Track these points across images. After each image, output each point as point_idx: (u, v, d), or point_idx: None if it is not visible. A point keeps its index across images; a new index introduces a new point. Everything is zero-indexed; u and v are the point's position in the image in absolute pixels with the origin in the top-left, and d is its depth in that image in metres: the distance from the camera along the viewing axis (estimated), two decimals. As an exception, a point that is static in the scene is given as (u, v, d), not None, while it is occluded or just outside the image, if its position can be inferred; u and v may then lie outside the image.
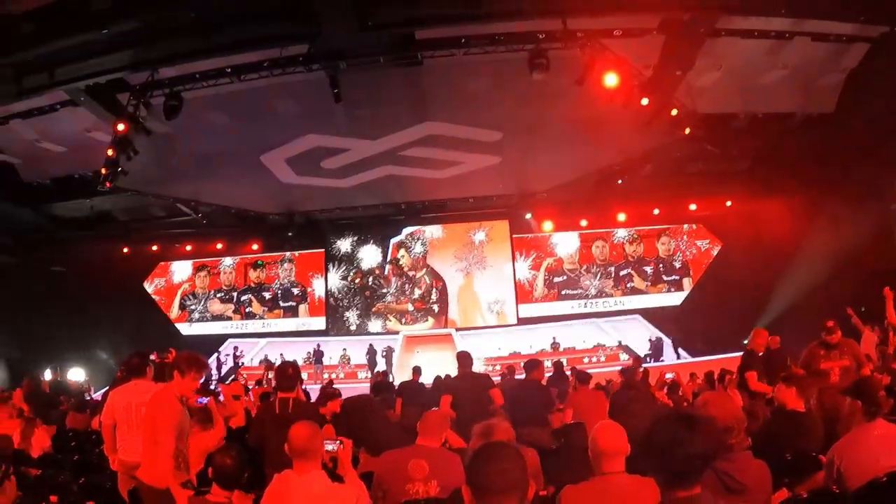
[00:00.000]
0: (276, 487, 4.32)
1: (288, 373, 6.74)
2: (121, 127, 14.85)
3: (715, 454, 2.82)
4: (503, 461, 2.54)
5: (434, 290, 26.22)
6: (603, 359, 23.93)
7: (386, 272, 26.65)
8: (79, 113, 16.07)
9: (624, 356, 23.30)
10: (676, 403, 10.72)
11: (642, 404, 8.19)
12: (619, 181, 21.79)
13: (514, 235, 26.37)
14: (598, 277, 25.79)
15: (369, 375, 21.93)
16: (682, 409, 3.70)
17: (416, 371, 13.57)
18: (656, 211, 24.18)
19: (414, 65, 14.80)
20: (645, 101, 14.45)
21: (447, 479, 4.93)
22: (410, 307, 26.15)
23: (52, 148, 18.04)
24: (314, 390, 20.25)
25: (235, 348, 25.74)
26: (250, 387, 13.71)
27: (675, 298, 25.23)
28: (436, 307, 26.10)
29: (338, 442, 4.74)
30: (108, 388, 15.55)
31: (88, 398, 17.27)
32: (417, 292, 26.29)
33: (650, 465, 2.74)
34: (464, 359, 9.08)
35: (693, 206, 23.74)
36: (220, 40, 13.13)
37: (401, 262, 26.56)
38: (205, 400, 6.96)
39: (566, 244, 26.10)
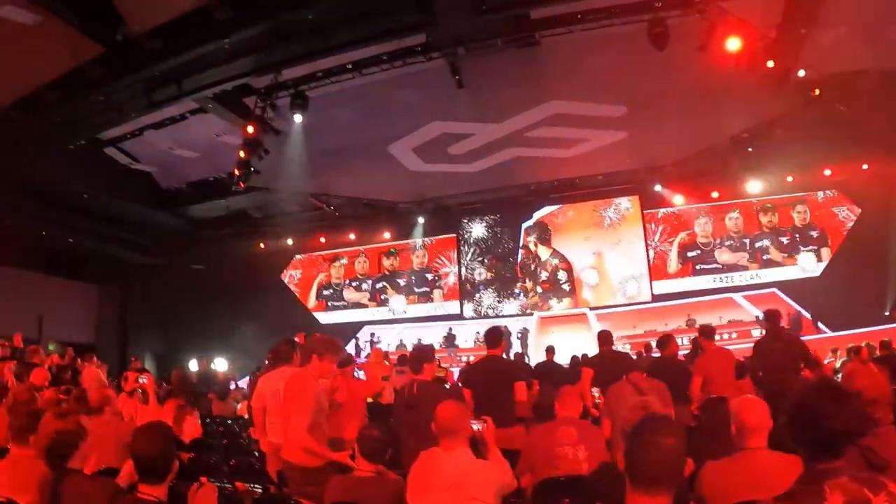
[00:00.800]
0: (422, 463, 4.52)
1: (411, 356, 7.02)
2: (250, 129, 15.59)
3: (862, 430, 2.67)
4: (664, 435, 2.65)
5: (564, 270, 26.16)
6: (739, 336, 23.35)
7: (518, 254, 26.75)
8: (208, 119, 17.03)
9: (758, 333, 22.66)
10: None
11: (790, 358, 8.08)
12: (749, 149, 21.28)
13: (644, 211, 25.94)
14: (732, 250, 25.18)
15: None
16: (831, 381, 3.58)
17: (550, 350, 13.56)
18: (790, 178, 23.34)
19: (532, 45, 14.94)
20: (771, 64, 14.12)
21: (593, 445, 5.29)
22: (539, 290, 26.17)
23: (186, 154, 19.16)
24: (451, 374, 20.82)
25: (372, 334, 26.43)
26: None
27: (815, 269, 24.35)
28: (567, 287, 26.00)
29: (482, 421, 4.78)
30: (250, 375, 16.37)
31: (234, 387, 18.16)
32: (546, 274, 26.29)
33: (793, 436, 2.70)
34: (604, 337, 9.20)
35: (828, 172, 22.72)
36: (338, 38, 13.66)
37: (530, 245, 26.60)
38: (362, 360, 7.56)
39: (698, 217, 25.58)
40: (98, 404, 7.13)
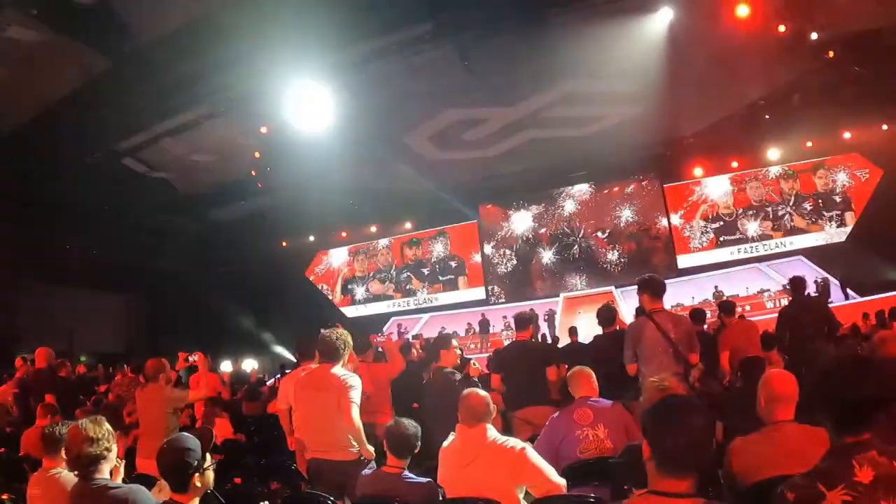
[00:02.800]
0: (452, 442, 4.68)
1: (431, 344, 7.02)
2: (264, 130, 15.56)
3: (891, 395, 2.53)
4: (692, 416, 2.58)
5: (587, 248, 26.17)
6: (770, 305, 23.17)
7: (540, 236, 26.74)
8: (223, 123, 16.95)
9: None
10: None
11: (816, 325, 7.97)
12: (767, 116, 21.08)
13: (665, 185, 25.92)
14: (756, 219, 25.01)
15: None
16: (859, 352, 3.48)
17: (573, 332, 13.49)
18: (809, 143, 23.15)
19: (539, 27, 14.85)
20: (782, 28, 14.01)
21: (612, 422, 5.22)
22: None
23: (203, 158, 19.13)
24: (482, 360, 20.82)
25: (399, 325, 26.46)
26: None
27: (839, 234, 24.11)
28: (591, 265, 26.04)
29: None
30: (279, 375, 16.44)
31: (265, 385, 18.24)
32: (570, 252, 26.29)
33: (820, 407, 2.64)
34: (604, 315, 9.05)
35: (848, 135, 22.51)
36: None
37: (557, 224, 26.61)
38: (382, 339, 7.63)
39: (719, 188, 25.41)
40: (153, 373, 7.31)
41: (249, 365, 21.63)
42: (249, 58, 14.07)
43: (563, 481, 4.43)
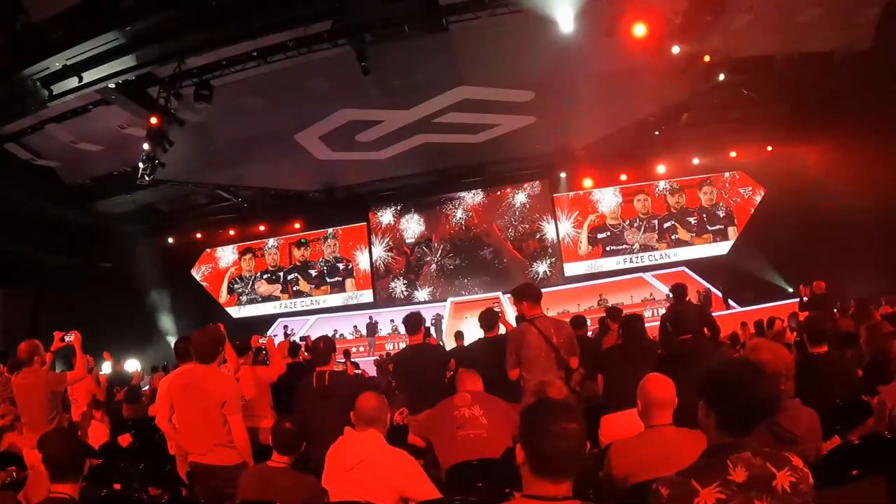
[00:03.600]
0: (337, 445, 4.59)
1: (319, 347, 6.86)
2: (153, 120, 15.00)
3: (778, 403, 2.85)
4: (569, 420, 2.52)
5: (476, 254, 26.29)
6: (648, 314, 23.69)
7: (429, 240, 26.69)
8: (112, 111, 16.27)
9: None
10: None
11: (696, 330, 8.08)
12: (657, 132, 21.54)
13: (554, 194, 26.27)
14: (641, 231, 25.59)
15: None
16: (748, 357, 3.77)
17: (459, 336, 13.46)
18: (696, 160, 23.95)
19: (440, 31, 14.70)
20: (676, 50, 14.26)
21: (489, 406, 5.48)
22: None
23: (90, 148, 18.34)
24: (367, 363, 20.60)
25: (286, 327, 26.01)
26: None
27: (721, 248, 24.99)
28: (479, 271, 26.14)
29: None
30: (151, 375, 15.89)
31: (146, 387, 17.57)
32: (458, 257, 26.33)
33: (712, 404, 2.67)
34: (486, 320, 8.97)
35: (733, 154, 23.46)
36: (243, 25, 13.14)
37: (444, 230, 26.59)
38: (264, 340, 7.41)
39: (608, 200, 25.92)
40: (26, 356, 7.05)
41: (132, 365, 20.81)
42: (141, 44, 13.44)
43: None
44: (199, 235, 26.82)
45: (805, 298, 13.81)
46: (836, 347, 6.44)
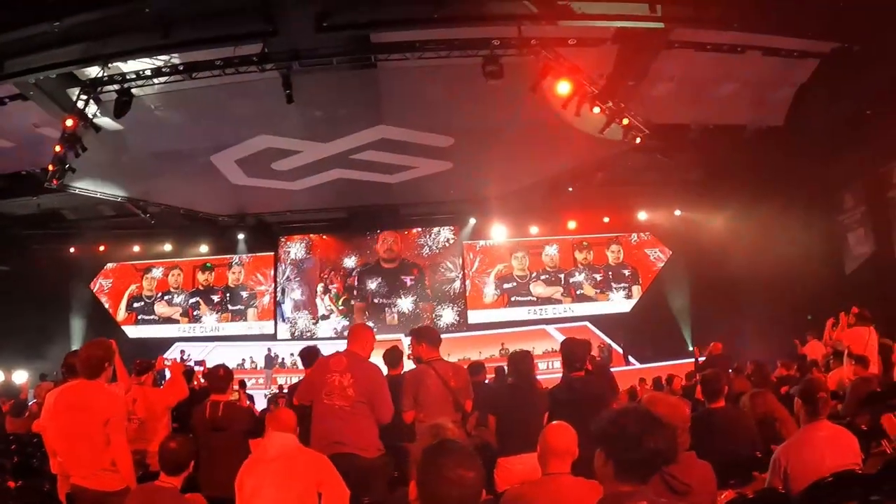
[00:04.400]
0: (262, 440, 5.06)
1: (219, 374, 6.76)
2: (69, 122, 14.52)
3: (675, 453, 2.76)
4: (467, 468, 2.48)
5: (382, 294, 26.15)
6: (552, 366, 23.93)
7: (335, 276, 26.44)
8: (28, 107, 15.73)
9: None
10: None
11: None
12: (570, 189, 21.97)
13: (464, 242, 26.43)
14: (547, 284, 25.91)
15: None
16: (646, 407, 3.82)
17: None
18: (606, 219, 24.53)
19: (368, 67, 14.76)
20: (597, 111, 14.60)
21: (361, 375, 5.87)
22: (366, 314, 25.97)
23: (0, 143, 17.66)
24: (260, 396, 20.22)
25: (182, 352, 25.21)
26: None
27: (625, 306, 25.49)
28: (382, 311, 26.02)
29: None
30: (35, 389, 15.27)
31: (33, 401, 16.87)
32: (364, 296, 26.17)
33: (610, 454, 2.68)
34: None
35: (643, 216, 24.11)
36: (175, 37, 12.87)
37: (351, 269, 26.42)
38: (169, 362, 7.27)
39: (516, 250, 26.19)
40: None
41: (21, 377, 19.96)
42: (68, 41, 13.05)
43: None
44: (102, 248, 25.90)
45: (701, 359, 14.17)
46: (732, 404, 6.63)
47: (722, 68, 15.26)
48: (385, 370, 7.80)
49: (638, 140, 15.91)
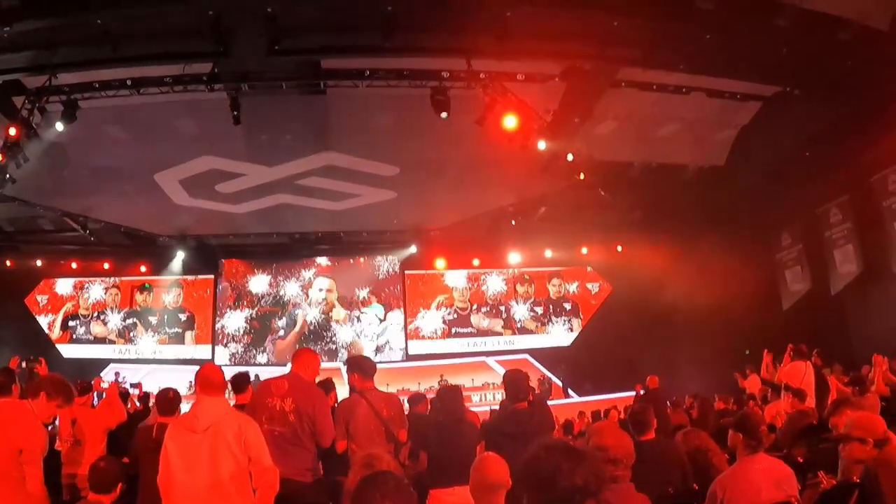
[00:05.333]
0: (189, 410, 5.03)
1: (168, 396, 6.70)
2: (12, 131, 14.20)
3: (598, 489, 2.63)
4: (394, 495, 2.48)
5: (321, 322, 25.97)
6: (491, 398, 23.93)
7: (275, 302, 26.21)
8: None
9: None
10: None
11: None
12: (513, 222, 22.16)
13: (406, 271, 26.41)
14: (489, 316, 26.00)
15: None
16: (565, 441, 3.74)
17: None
18: (548, 253, 24.70)
19: (317, 93, 14.78)
20: (542, 145, 14.76)
21: (303, 399, 5.85)
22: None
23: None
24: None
25: (117, 374, 24.64)
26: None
27: (565, 339, 25.70)
28: (321, 339, 25.81)
29: None
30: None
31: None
32: (303, 323, 25.97)
33: (527, 493, 2.65)
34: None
35: (585, 250, 24.40)
36: (125, 51, 12.71)
37: (287, 297, 26.23)
38: (106, 384, 7.11)
39: (458, 282, 26.28)
40: None
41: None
42: (15, 48, 12.82)
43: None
44: (39, 262, 25.22)
45: (641, 392, 14.32)
46: (666, 436, 6.69)
47: (666, 108, 15.63)
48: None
49: (581, 176, 16.11)
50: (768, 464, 4.91)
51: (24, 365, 8.15)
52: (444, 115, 13.93)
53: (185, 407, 6.50)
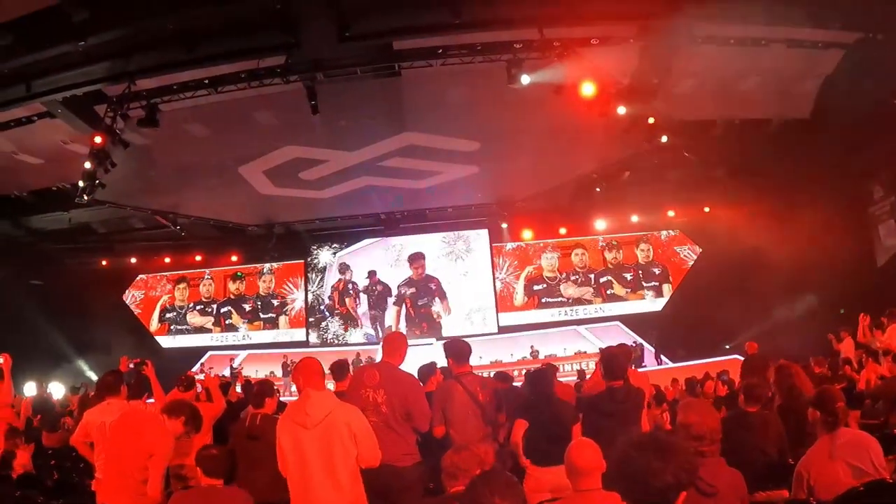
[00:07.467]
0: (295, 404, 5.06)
1: (253, 391, 6.82)
2: (98, 139, 14.65)
3: (691, 480, 2.66)
4: (503, 491, 2.56)
5: (413, 299, 26.13)
6: (585, 366, 23.76)
7: (366, 283, 26.48)
8: (56, 125, 15.96)
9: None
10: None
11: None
12: (598, 189, 21.93)
13: (493, 244, 26.38)
14: (577, 285, 25.82)
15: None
16: (656, 436, 3.67)
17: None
18: (635, 218, 24.32)
19: (392, 76, 14.80)
20: (622, 110, 14.48)
21: (394, 390, 5.82)
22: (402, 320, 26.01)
23: (30, 160, 17.88)
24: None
25: (231, 359, 25.48)
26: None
27: (656, 304, 25.34)
28: (413, 317, 25.99)
29: None
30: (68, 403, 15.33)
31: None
32: (394, 302, 26.19)
33: (621, 492, 2.69)
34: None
35: (671, 213, 23.96)
36: (199, 51, 13.05)
37: (379, 274, 26.44)
38: (202, 376, 7.30)
39: (545, 252, 26.13)
40: None
41: (57, 389, 20.12)
42: (93, 60, 13.22)
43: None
44: (133, 260, 26.19)
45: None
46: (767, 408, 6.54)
47: (746, 62, 15.09)
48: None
49: (664, 138, 15.79)
50: (849, 437, 4.79)
51: (131, 366, 8.38)
52: (525, 79, 13.80)
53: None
